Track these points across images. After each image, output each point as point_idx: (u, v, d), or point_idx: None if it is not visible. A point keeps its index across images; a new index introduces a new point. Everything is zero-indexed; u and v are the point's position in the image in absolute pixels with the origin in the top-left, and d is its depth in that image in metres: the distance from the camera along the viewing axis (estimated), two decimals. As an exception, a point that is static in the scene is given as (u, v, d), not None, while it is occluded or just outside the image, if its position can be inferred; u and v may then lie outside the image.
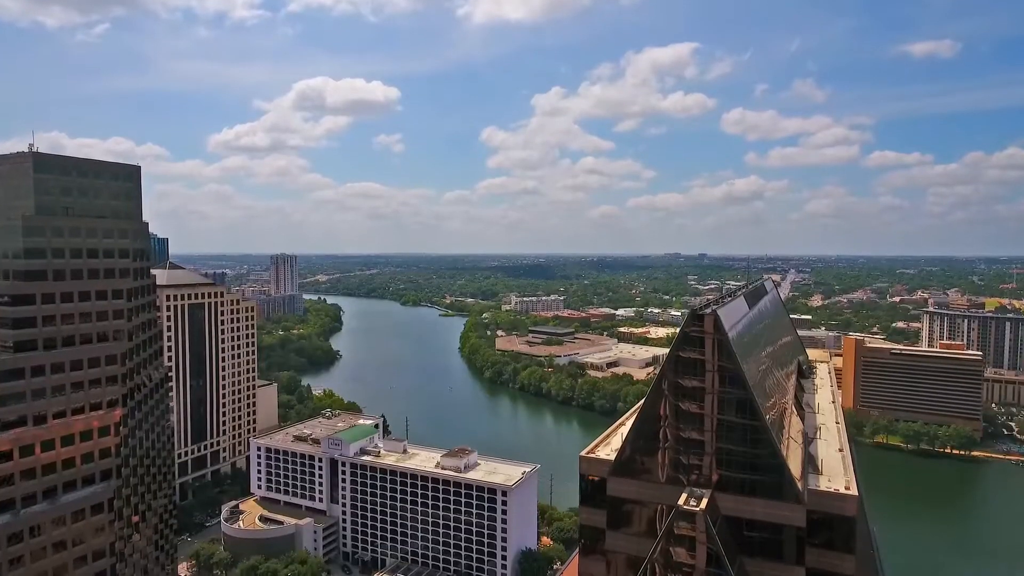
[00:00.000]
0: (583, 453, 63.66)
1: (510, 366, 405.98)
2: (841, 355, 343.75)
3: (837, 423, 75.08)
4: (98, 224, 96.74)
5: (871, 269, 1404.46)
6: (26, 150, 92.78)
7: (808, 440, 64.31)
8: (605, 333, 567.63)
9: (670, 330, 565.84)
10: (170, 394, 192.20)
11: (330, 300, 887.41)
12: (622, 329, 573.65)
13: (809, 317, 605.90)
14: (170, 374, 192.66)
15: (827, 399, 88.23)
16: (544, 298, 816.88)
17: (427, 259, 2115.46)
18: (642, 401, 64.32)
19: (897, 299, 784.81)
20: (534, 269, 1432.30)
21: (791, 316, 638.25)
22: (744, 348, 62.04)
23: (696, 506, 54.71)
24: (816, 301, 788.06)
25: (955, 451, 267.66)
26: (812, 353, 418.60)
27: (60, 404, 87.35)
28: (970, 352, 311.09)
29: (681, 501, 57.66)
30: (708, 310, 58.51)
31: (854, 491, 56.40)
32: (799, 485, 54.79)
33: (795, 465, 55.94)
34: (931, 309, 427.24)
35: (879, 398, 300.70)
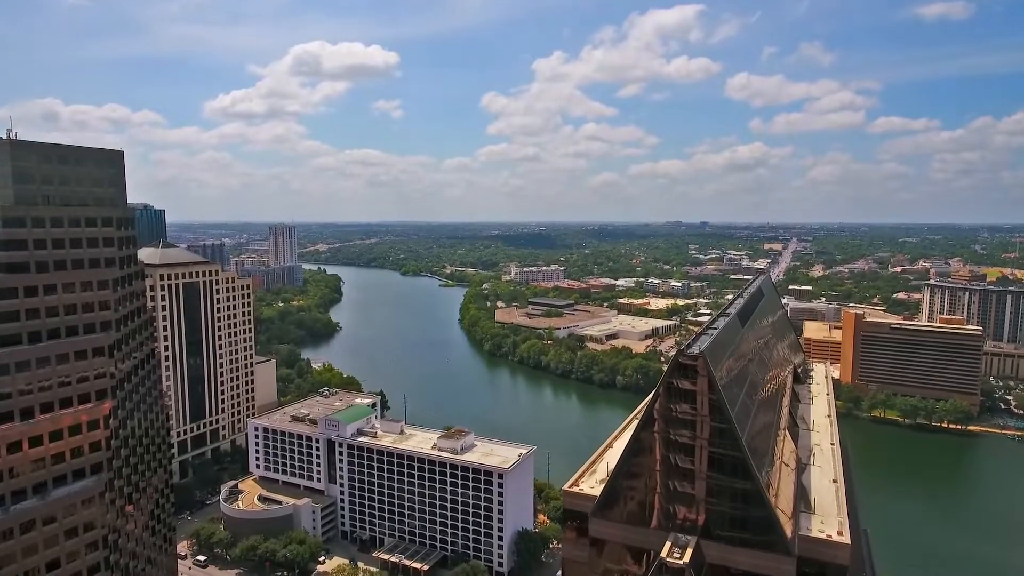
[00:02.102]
0: (566, 487, 62.14)
1: (509, 339, 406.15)
2: (841, 328, 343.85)
3: (832, 444, 73.39)
4: (81, 212, 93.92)
5: (873, 237, 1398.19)
6: (3, 136, 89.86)
7: (801, 468, 62.73)
8: (605, 304, 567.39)
9: (669, 301, 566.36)
10: (167, 374, 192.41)
11: (330, 270, 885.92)
12: (622, 300, 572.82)
13: (810, 288, 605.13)
14: (166, 354, 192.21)
15: (823, 412, 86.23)
16: (544, 268, 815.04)
17: (427, 227, 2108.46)
18: (628, 424, 62.22)
19: (898, 269, 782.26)
20: (535, 238, 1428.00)
21: (792, 287, 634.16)
22: (735, 380, 59.21)
23: (680, 558, 53.09)
24: (817, 271, 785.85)
25: (952, 425, 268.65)
26: (811, 327, 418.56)
27: (47, 398, 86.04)
28: (970, 327, 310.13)
29: (665, 551, 55.86)
30: (696, 350, 55.96)
31: (847, 536, 54.73)
32: (789, 532, 53.20)
33: (786, 501, 54.30)
34: (932, 282, 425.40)
35: (878, 372, 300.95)
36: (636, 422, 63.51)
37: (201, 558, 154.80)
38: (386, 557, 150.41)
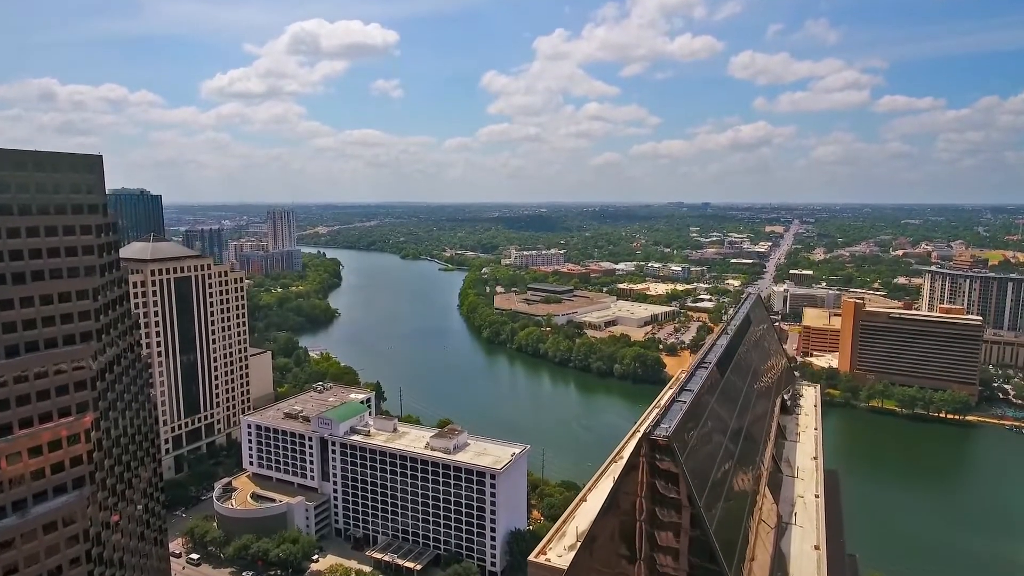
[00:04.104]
0: (532, 556, 60.21)
1: (508, 326, 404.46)
2: (840, 315, 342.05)
3: (817, 496, 70.88)
4: (59, 221, 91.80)
5: (876, 219, 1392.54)
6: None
7: (782, 528, 60.61)
8: (604, 289, 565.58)
9: (669, 286, 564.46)
10: (160, 370, 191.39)
11: (330, 254, 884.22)
12: (621, 285, 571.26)
13: (811, 272, 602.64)
14: (159, 349, 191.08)
15: (809, 453, 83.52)
16: (544, 252, 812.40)
17: (428, 208, 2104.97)
18: (607, 469, 59.26)
19: (900, 252, 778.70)
20: (535, 220, 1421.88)
21: (792, 271, 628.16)
22: (710, 450, 56.10)
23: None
24: (818, 255, 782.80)
25: (950, 416, 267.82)
26: (811, 314, 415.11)
27: (26, 413, 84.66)
28: (969, 317, 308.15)
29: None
30: (665, 429, 53.20)
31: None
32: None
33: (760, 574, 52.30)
34: (933, 268, 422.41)
35: (877, 361, 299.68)
36: (617, 465, 61.30)
37: (194, 556, 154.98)
38: (379, 556, 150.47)
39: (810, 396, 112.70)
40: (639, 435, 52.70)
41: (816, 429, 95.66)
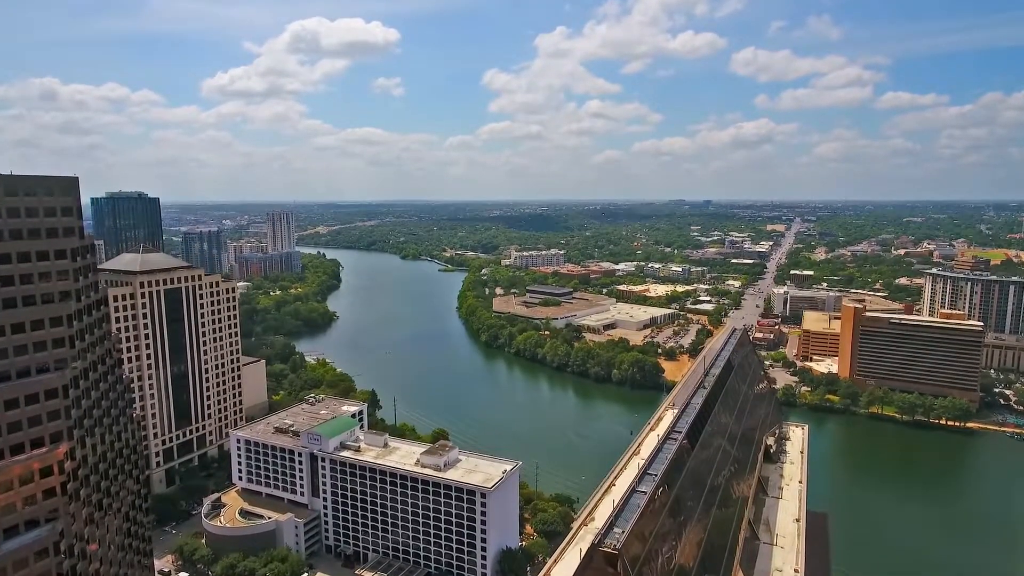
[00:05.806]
0: None
1: (506, 330, 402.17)
2: (840, 318, 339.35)
3: (797, 571, 68.13)
4: (32, 246, 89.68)
5: (878, 217, 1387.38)
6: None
7: None
8: (604, 291, 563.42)
9: (669, 287, 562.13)
10: (150, 382, 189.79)
11: (330, 254, 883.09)
12: (621, 287, 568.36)
13: (811, 273, 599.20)
14: (149, 362, 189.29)
15: (792, 514, 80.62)
16: (544, 252, 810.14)
17: (429, 206, 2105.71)
18: (577, 532, 56.57)
19: (902, 251, 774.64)
20: (536, 219, 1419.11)
21: (793, 272, 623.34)
22: (667, 548, 53.89)
23: None
24: (820, 254, 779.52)
25: (950, 422, 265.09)
26: (811, 317, 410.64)
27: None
28: (970, 322, 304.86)
29: None
30: (616, 535, 50.86)
31: None
32: None
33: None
34: (934, 271, 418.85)
35: (876, 367, 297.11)
36: (587, 529, 58.91)
37: (183, 575, 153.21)
38: (369, 574, 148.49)
39: (797, 440, 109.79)
40: (612, 492, 50.34)
41: (801, 483, 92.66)
